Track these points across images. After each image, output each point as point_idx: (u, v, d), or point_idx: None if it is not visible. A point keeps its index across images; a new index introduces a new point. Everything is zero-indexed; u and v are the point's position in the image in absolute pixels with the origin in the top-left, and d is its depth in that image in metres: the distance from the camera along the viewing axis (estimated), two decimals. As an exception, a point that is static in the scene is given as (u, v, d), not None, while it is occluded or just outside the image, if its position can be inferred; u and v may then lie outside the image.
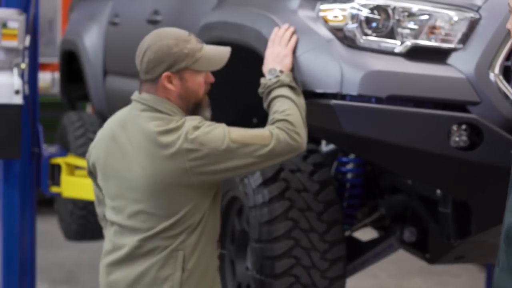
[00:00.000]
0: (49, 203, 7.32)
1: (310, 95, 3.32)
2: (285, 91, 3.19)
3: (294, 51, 3.35)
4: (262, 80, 3.31)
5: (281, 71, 3.26)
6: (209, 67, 3.10)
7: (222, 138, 2.94)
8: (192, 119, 2.99)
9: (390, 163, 3.33)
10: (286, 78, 3.24)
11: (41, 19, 5.53)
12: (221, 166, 2.92)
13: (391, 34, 3.29)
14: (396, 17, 3.29)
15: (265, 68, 3.35)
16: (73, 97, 7.21)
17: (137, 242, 2.97)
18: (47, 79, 8.70)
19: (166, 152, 2.91)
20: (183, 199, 2.94)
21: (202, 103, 3.13)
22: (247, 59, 3.88)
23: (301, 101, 3.20)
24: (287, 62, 3.31)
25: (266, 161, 2.99)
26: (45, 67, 8.68)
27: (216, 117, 4.31)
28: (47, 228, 7.66)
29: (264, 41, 3.53)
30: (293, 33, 3.38)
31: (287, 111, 3.09)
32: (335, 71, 3.26)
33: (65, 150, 5.87)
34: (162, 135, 2.93)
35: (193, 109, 3.10)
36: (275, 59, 3.30)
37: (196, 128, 2.94)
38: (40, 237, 5.83)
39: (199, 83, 3.09)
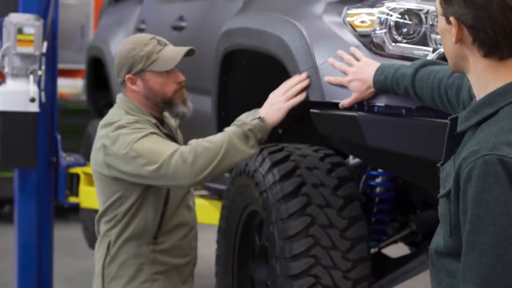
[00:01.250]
0: (77, 210, 7.20)
1: (334, 106, 3.11)
2: (236, 133, 3.12)
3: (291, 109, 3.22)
4: (243, 114, 3.24)
5: (260, 118, 3.16)
6: (164, 67, 3.22)
7: (127, 143, 3.06)
8: (128, 119, 3.16)
9: (420, 179, 3.13)
10: (253, 125, 3.13)
11: (73, 26, 5.43)
12: (121, 168, 3.09)
13: (423, 41, 3.09)
14: (430, 22, 3.09)
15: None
16: (100, 104, 7.08)
17: (95, 223, 3.34)
18: (78, 85, 8.62)
19: (96, 144, 3.21)
20: (110, 188, 3.20)
21: (173, 101, 3.24)
22: (270, 67, 3.70)
23: (234, 153, 3.08)
24: (275, 115, 3.18)
25: (155, 179, 3.05)
26: (76, 73, 8.62)
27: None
28: (75, 236, 7.53)
29: (286, 49, 3.35)
30: (305, 88, 3.20)
31: (207, 145, 3.07)
32: (361, 80, 3.06)
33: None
34: (101, 127, 3.21)
35: (164, 106, 3.28)
36: (269, 104, 3.22)
37: (120, 127, 3.12)
38: (67, 244, 5.71)
39: (162, 83, 3.23)
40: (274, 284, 3.39)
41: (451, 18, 2.06)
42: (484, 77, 2.05)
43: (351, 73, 3.02)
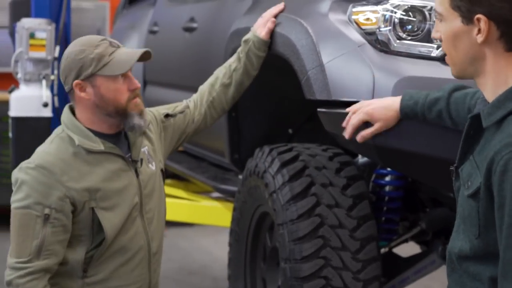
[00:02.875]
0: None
1: (340, 104, 3.09)
2: None
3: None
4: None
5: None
6: (117, 71, 2.84)
7: (12, 200, 2.83)
8: (38, 159, 2.81)
9: (427, 177, 3.09)
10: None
11: (89, 30, 5.42)
12: None
13: (427, 37, 3.07)
14: (433, 18, 3.06)
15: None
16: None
17: None
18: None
19: None
20: None
21: (127, 111, 2.88)
22: (279, 67, 3.69)
23: None
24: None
25: None
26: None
27: (249, 128, 4.17)
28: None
29: (292, 47, 3.34)
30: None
31: None
32: (367, 78, 3.06)
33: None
34: None
35: (116, 117, 2.89)
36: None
37: (21, 170, 2.82)
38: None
39: (115, 89, 2.86)
40: (285, 286, 3.36)
41: (479, 16, 2.03)
42: (505, 73, 2.04)
43: (372, 102, 2.89)
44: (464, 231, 2.13)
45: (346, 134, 2.89)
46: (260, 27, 3.55)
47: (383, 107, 2.79)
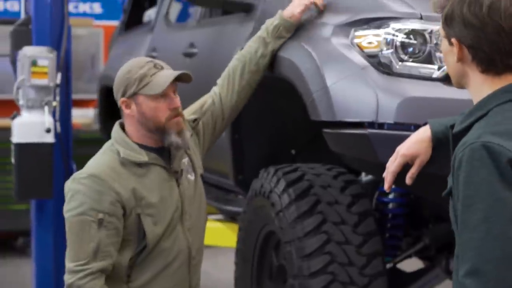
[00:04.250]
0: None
1: (345, 125, 3.20)
2: None
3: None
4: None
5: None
6: (154, 91, 3.07)
7: (65, 210, 3.04)
8: (91, 170, 3.05)
9: (432, 193, 3.18)
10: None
11: (83, 56, 5.53)
12: None
13: (429, 59, 3.21)
14: (434, 41, 3.20)
15: None
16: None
17: None
18: (90, 115, 8.72)
19: None
20: None
21: (166, 129, 3.10)
22: (282, 90, 3.79)
23: None
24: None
25: None
26: (87, 103, 8.72)
27: (253, 150, 4.27)
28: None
29: (297, 71, 3.44)
30: None
31: None
32: (371, 99, 3.17)
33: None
34: None
35: (156, 134, 3.12)
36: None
37: (74, 181, 3.04)
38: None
39: (155, 108, 3.08)
40: (293, 302, 3.45)
41: (453, 40, 2.27)
42: (481, 89, 2.26)
43: (403, 143, 2.78)
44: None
45: (386, 185, 2.75)
46: (296, 7, 3.61)
47: (415, 142, 2.73)
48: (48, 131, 4.88)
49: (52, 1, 5.08)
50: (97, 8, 9.62)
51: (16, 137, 4.92)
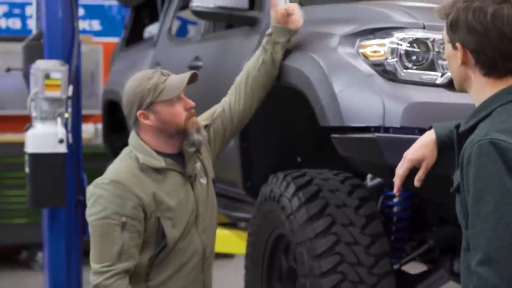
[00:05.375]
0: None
1: (353, 130, 3.35)
2: None
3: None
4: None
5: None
6: (172, 95, 3.24)
7: (88, 214, 3.18)
8: (112, 175, 3.19)
9: (438, 194, 3.33)
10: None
11: (83, 72, 5.65)
12: None
13: (432, 66, 3.35)
14: (436, 49, 3.34)
15: None
16: (116, 146, 7.29)
17: None
18: (90, 130, 8.83)
19: None
20: None
21: (187, 129, 3.27)
22: (289, 99, 3.94)
23: None
24: None
25: None
26: (87, 118, 8.83)
27: (260, 158, 4.40)
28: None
29: (306, 80, 3.58)
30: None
31: None
32: (377, 104, 3.30)
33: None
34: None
35: (178, 137, 3.28)
36: None
37: (97, 186, 3.18)
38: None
39: (175, 112, 3.26)
40: (305, 301, 3.59)
41: (457, 44, 2.44)
42: (483, 92, 2.43)
43: (410, 148, 2.91)
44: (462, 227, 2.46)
45: (396, 188, 2.90)
46: (276, 13, 3.81)
47: (421, 146, 2.85)
48: (61, 141, 5.01)
49: (63, 16, 5.22)
50: (96, 25, 9.74)
51: (31, 148, 5.05)
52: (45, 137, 5.04)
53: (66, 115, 5.10)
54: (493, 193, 2.24)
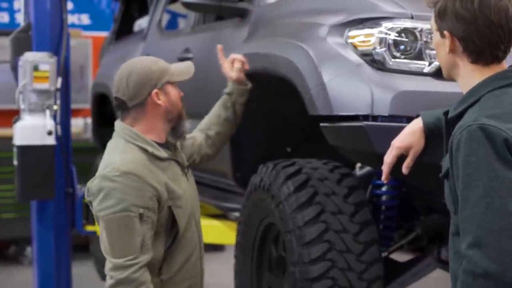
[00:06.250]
0: (84, 247, 7.39)
1: (342, 119, 3.37)
2: None
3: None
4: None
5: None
6: (183, 77, 3.32)
7: (98, 210, 3.07)
8: (118, 165, 3.08)
9: (425, 182, 3.36)
10: None
11: (72, 66, 5.64)
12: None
13: (419, 56, 3.38)
14: (424, 38, 3.37)
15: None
16: (105, 140, 7.28)
17: None
18: (79, 124, 8.83)
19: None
20: None
21: (182, 115, 3.32)
22: (278, 89, 3.96)
23: None
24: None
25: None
26: (77, 112, 8.83)
27: (250, 148, 4.43)
28: (82, 273, 7.68)
29: (295, 69, 3.60)
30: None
31: None
32: (366, 93, 3.33)
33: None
34: (101, 165, 3.19)
35: (176, 123, 3.30)
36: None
37: (104, 178, 3.08)
38: (75, 281, 5.86)
39: (177, 94, 3.30)
40: (294, 288, 3.61)
41: (445, 32, 2.47)
42: (471, 79, 2.47)
43: (398, 136, 2.95)
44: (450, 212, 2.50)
45: (384, 176, 2.94)
46: (230, 73, 3.96)
47: (408, 134, 2.90)
48: (49, 133, 5.01)
49: (52, 7, 5.23)
50: (85, 19, 9.74)
51: (19, 140, 5.05)
52: (33, 129, 5.04)
53: (55, 107, 5.11)
54: (482, 177, 2.27)
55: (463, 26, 2.42)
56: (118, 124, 3.27)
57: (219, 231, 5.04)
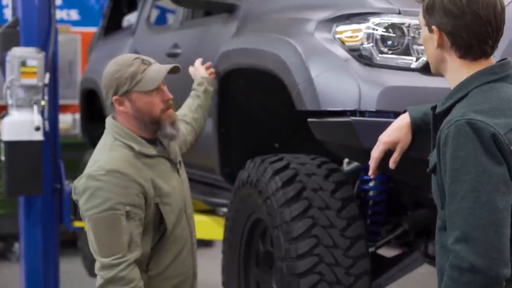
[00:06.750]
0: (72, 243, 7.37)
1: (329, 114, 3.38)
2: None
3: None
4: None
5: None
6: (148, 87, 3.16)
7: (85, 209, 3.05)
8: (104, 164, 3.07)
9: (412, 177, 3.37)
10: None
11: (61, 61, 5.63)
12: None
13: (407, 51, 3.39)
14: (411, 34, 3.38)
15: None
16: (94, 135, 7.28)
17: None
18: (68, 120, 8.81)
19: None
20: None
21: (161, 121, 3.20)
22: (266, 84, 3.96)
23: None
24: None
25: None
26: (65, 108, 8.82)
27: (238, 144, 4.43)
28: (70, 269, 7.67)
29: (283, 64, 3.61)
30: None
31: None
32: (353, 88, 3.34)
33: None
34: (90, 161, 3.18)
35: (152, 128, 3.21)
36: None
37: (90, 178, 3.06)
38: (62, 277, 5.85)
39: (149, 102, 3.17)
40: (281, 283, 3.61)
41: (433, 27, 2.47)
42: (459, 74, 2.47)
43: (385, 131, 2.94)
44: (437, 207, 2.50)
45: (371, 170, 2.94)
46: (201, 72, 4.21)
47: (395, 129, 2.90)
48: (37, 129, 5.00)
49: (39, 3, 5.21)
50: (74, 14, 9.71)
51: (7, 135, 5.04)
52: (21, 124, 5.03)
53: (43, 102, 5.10)
54: (470, 172, 2.28)
55: (451, 21, 2.43)
56: (108, 121, 3.25)
57: (208, 227, 5.04)
